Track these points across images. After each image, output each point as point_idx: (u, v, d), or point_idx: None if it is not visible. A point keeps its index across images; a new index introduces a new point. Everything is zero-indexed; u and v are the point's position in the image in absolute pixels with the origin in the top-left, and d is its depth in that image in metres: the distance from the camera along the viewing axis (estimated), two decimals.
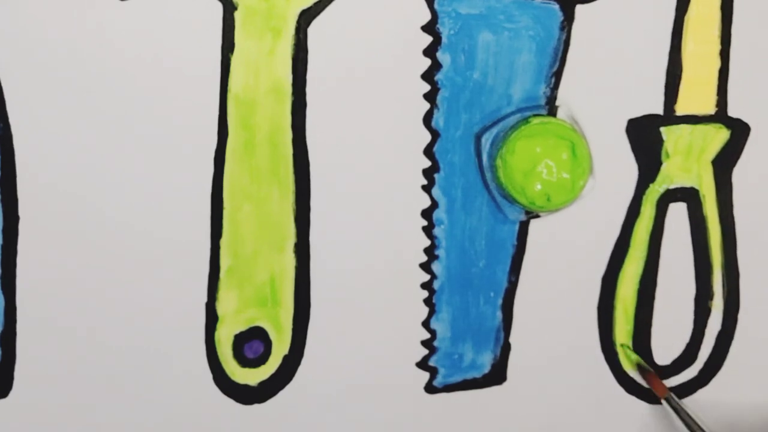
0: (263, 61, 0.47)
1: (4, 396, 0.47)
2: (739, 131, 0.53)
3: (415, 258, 0.51)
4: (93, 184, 0.46)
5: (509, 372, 0.53)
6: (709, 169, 0.53)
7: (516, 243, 0.52)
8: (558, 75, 0.50)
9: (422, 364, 0.52)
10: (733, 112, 0.53)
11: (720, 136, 0.53)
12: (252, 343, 0.49)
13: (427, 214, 0.50)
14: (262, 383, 0.50)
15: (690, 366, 0.55)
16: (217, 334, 0.49)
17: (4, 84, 0.44)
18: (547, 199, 0.49)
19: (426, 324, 0.51)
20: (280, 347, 0.50)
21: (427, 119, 0.49)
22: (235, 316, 0.49)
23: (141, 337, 0.48)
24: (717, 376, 0.55)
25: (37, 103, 0.45)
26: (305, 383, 0.50)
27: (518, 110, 0.50)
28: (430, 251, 0.51)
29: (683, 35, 0.51)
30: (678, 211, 0.53)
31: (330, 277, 0.50)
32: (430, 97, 0.49)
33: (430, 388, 0.52)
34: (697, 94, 0.52)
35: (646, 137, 0.52)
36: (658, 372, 0.54)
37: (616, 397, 0.54)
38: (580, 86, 0.50)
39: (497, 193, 0.50)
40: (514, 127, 0.49)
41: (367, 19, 0.48)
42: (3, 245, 0.46)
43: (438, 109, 0.49)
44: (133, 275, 0.47)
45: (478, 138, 0.50)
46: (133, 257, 0.47)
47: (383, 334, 0.51)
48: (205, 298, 0.48)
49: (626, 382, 0.54)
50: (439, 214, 0.50)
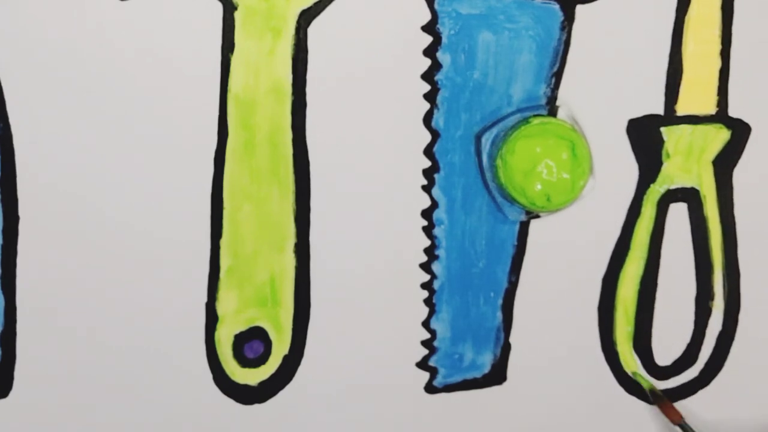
0: (263, 61, 0.47)
1: (4, 396, 0.47)
2: (740, 131, 0.53)
3: (415, 258, 0.51)
4: (93, 184, 0.46)
5: (509, 372, 0.53)
6: (710, 169, 0.53)
7: (516, 243, 0.52)
8: (558, 75, 0.50)
9: (422, 364, 0.52)
10: (734, 112, 0.53)
11: (720, 136, 0.53)
12: (252, 343, 0.49)
13: (427, 214, 0.50)
14: (262, 383, 0.50)
15: (691, 366, 0.55)
16: (217, 334, 0.49)
17: (4, 84, 0.44)
18: (547, 199, 0.49)
19: (426, 324, 0.51)
20: (280, 347, 0.50)
21: (427, 119, 0.49)
22: (235, 316, 0.49)
23: (141, 337, 0.48)
24: (718, 377, 0.55)
25: (37, 103, 0.45)
26: (305, 383, 0.50)
27: (518, 110, 0.50)
28: (430, 251, 0.51)
29: (684, 35, 0.51)
30: (678, 212, 0.53)
31: (330, 277, 0.50)
32: (430, 97, 0.49)
33: (430, 388, 0.52)
34: (698, 94, 0.52)
35: (646, 137, 0.52)
36: (659, 372, 0.54)
37: (616, 397, 0.54)
38: (580, 86, 0.50)
39: (497, 193, 0.50)
40: (514, 127, 0.49)
41: (367, 19, 0.48)
42: (3, 245, 0.46)
43: (438, 109, 0.49)
44: (133, 275, 0.47)
45: (478, 138, 0.50)
46: (133, 257, 0.47)
47: (383, 334, 0.51)
48: (205, 298, 0.48)
49: (626, 382, 0.54)
50: (439, 214, 0.50)
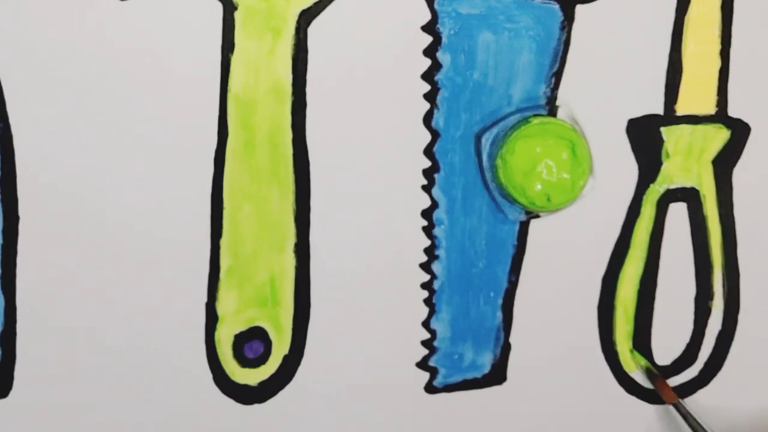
0: (263, 61, 0.47)
1: (4, 396, 0.47)
2: (740, 131, 0.53)
3: (415, 258, 0.51)
4: (93, 184, 0.46)
5: (509, 372, 0.53)
6: (710, 169, 0.53)
7: (516, 243, 0.52)
8: (558, 75, 0.50)
9: (422, 364, 0.52)
10: (734, 112, 0.53)
11: (720, 136, 0.53)
12: (252, 343, 0.49)
13: (427, 214, 0.50)
14: (262, 383, 0.50)
15: (690, 366, 0.55)
16: (217, 334, 0.49)
17: (4, 84, 0.44)
18: (547, 199, 0.49)
19: (426, 324, 0.51)
20: (280, 347, 0.50)
21: (427, 119, 0.49)
22: (235, 316, 0.49)
23: (141, 337, 0.48)
24: (717, 377, 0.55)
25: (37, 103, 0.45)
26: (305, 383, 0.50)
27: (518, 110, 0.50)
28: (430, 251, 0.51)
29: (683, 35, 0.51)
30: (678, 211, 0.53)
31: (330, 277, 0.50)
32: (430, 97, 0.49)
33: (430, 388, 0.52)
34: (698, 94, 0.52)
35: (646, 137, 0.52)
36: (659, 372, 0.54)
37: (616, 397, 0.54)
38: (580, 86, 0.50)
39: (497, 193, 0.50)
40: (514, 127, 0.49)
41: (367, 19, 0.48)
42: (3, 245, 0.46)
43: (438, 109, 0.49)
44: (133, 275, 0.47)
45: (478, 138, 0.50)
46: (133, 257, 0.47)
47: (383, 334, 0.51)
48: (205, 298, 0.48)
49: (626, 383, 0.54)
50: (439, 214, 0.50)
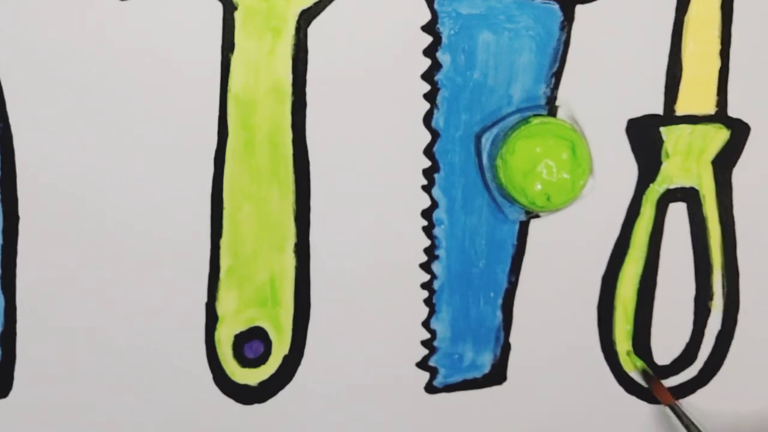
0: (263, 61, 0.47)
1: (4, 396, 0.47)
2: (739, 131, 0.53)
3: (415, 258, 0.51)
4: (93, 184, 0.46)
5: (509, 372, 0.53)
6: (709, 169, 0.53)
7: (516, 243, 0.52)
8: (558, 75, 0.50)
9: (422, 364, 0.52)
10: (733, 112, 0.53)
11: (720, 136, 0.53)
12: (252, 343, 0.49)
13: (427, 214, 0.50)
14: (262, 383, 0.50)
15: (690, 366, 0.55)
16: (217, 334, 0.49)
17: (4, 84, 0.44)
18: (547, 199, 0.49)
19: (426, 324, 0.51)
20: (280, 347, 0.50)
21: (427, 119, 0.49)
22: (235, 316, 0.49)
23: (141, 337, 0.48)
24: (717, 376, 0.55)
25: (37, 103, 0.45)
26: (305, 383, 0.50)
27: (518, 110, 0.50)
28: (430, 251, 0.51)
29: (683, 35, 0.51)
30: (678, 211, 0.53)
31: (330, 277, 0.50)
32: (430, 97, 0.49)
33: (430, 388, 0.52)
34: (697, 94, 0.52)
35: (646, 137, 0.52)
36: (659, 374, 0.54)
37: (616, 397, 0.54)
38: (580, 86, 0.50)
39: (497, 193, 0.50)
40: (514, 127, 0.49)
41: (367, 19, 0.48)
42: (3, 245, 0.46)
43: (438, 109, 0.49)
44: (133, 275, 0.47)
45: (478, 138, 0.50)
46: (133, 257, 0.47)
47: (383, 334, 0.51)
48: (205, 298, 0.48)
49: (626, 383, 0.54)
50: (439, 214, 0.50)
